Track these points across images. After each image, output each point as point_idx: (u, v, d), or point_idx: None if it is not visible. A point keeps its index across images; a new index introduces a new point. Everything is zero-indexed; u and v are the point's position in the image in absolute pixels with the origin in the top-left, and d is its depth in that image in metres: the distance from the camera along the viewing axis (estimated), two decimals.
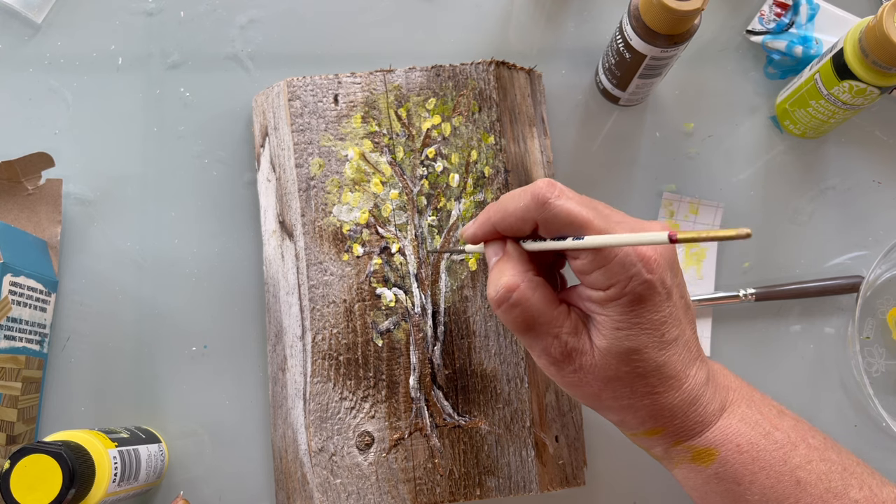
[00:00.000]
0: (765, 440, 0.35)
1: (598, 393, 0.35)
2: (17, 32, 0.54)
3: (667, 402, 0.35)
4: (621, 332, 0.33)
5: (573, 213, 0.33)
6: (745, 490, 0.35)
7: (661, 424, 0.35)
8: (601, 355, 0.34)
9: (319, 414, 0.45)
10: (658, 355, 0.34)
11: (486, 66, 0.49)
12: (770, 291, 0.52)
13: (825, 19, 0.55)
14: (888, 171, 0.55)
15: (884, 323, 0.53)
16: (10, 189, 0.51)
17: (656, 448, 0.37)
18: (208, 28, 0.55)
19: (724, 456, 0.35)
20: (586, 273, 0.34)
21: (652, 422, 0.35)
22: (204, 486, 0.50)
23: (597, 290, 0.34)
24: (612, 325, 0.33)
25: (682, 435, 0.35)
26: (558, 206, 0.33)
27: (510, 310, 0.35)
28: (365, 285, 0.46)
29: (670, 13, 0.43)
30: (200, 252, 0.52)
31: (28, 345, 0.48)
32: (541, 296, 0.35)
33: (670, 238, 0.28)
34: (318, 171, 0.48)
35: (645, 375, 0.34)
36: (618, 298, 0.33)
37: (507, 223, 0.36)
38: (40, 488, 0.38)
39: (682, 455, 0.36)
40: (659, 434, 0.36)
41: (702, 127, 0.55)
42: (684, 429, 0.35)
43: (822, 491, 0.34)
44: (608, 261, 0.33)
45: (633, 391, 0.34)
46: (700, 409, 0.35)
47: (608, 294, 0.33)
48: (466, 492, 0.45)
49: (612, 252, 0.32)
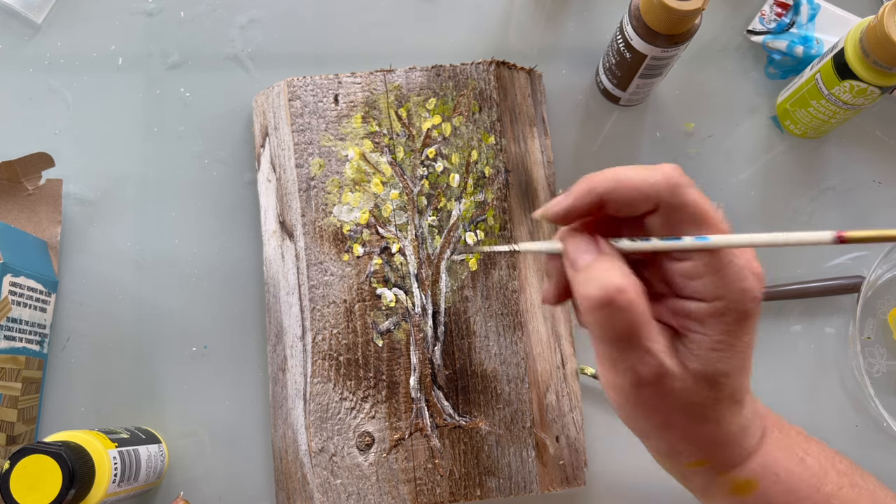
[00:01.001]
0: (799, 468, 0.34)
1: (670, 420, 0.32)
2: (17, 32, 0.54)
3: (726, 430, 0.32)
4: (716, 354, 0.30)
5: (705, 206, 0.29)
6: None
7: (713, 455, 0.33)
8: (692, 378, 0.30)
9: (320, 414, 0.45)
10: (738, 381, 0.31)
11: (486, 66, 0.49)
12: (771, 291, 0.52)
13: (826, 19, 0.55)
14: (888, 171, 0.55)
15: (885, 323, 0.53)
16: (10, 189, 0.51)
17: (697, 479, 0.35)
18: (208, 28, 0.55)
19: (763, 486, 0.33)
20: (693, 278, 0.30)
21: (706, 452, 0.33)
22: (204, 486, 0.49)
23: (698, 302, 0.30)
24: (708, 346, 0.30)
25: (728, 465, 0.34)
26: (692, 194, 0.29)
27: (616, 314, 0.30)
28: (365, 285, 0.46)
29: (671, 13, 0.43)
30: (200, 252, 0.52)
31: (28, 345, 0.48)
32: (646, 303, 0.30)
33: (839, 238, 0.24)
34: (319, 171, 0.48)
35: (719, 401, 0.31)
36: (723, 315, 0.30)
37: (618, 194, 0.30)
38: (40, 489, 0.38)
39: (722, 487, 0.34)
40: (706, 465, 0.34)
41: (702, 127, 0.55)
42: (731, 458, 0.33)
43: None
44: (722, 266, 0.29)
45: (703, 417, 0.31)
46: (748, 438, 0.33)
47: (714, 307, 0.30)
48: (467, 492, 0.45)
49: (727, 259, 0.29)
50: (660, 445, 0.34)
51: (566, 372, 0.49)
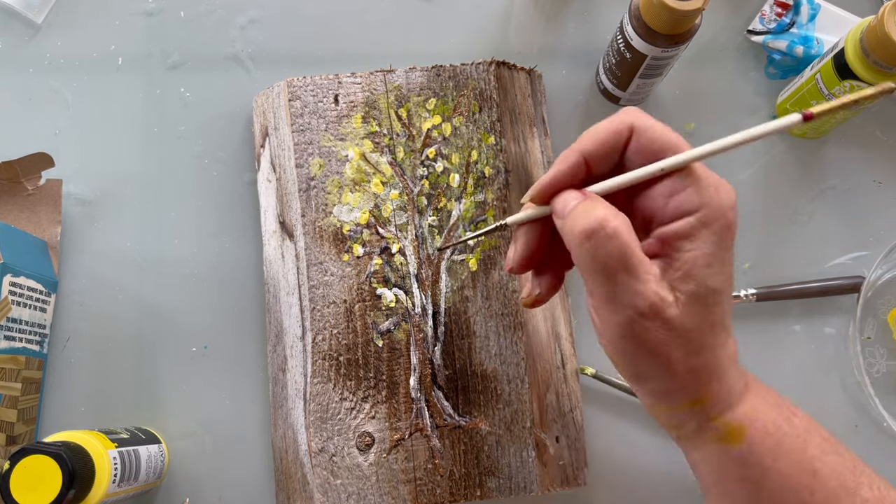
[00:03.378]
0: (787, 424, 0.34)
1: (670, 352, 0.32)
2: (17, 32, 0.54)
3: (721, 359, 0.33)
4: (710, 270, 0.31)
5: (667, 130, 0.32)
6: (765, 477, 0.34)
7: (710, 390, 0.33)
8: (686, 301, 0.31)
9: (320, 414, 0.45)
10: (727, 302, 0.33)
11: (486, 66, 0.49)
12: (771, 292, 0.52)
13: (826, 19, 0.55)
14: (888, 171, 0.55)
15: (885, 323, 0.53)
16: (10, 189, 0.51)
17: (690, 424, 0.35)
18: (208, 28, 0.55)
19: (751, 436, 0.34)
20: (674, 195, 0.32)
21: (702, 388, 0.33)
22: (204, 487, 0.49)
23: (685, 219, 0.31)
24: (701, 261, 0.31)
25: (720, 406, 0.34)
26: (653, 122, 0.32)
27: (605, 241, 0.31)
28: (365, 286, 0.46)
29: (671, 13, 0.43)
30: (200, 252, 0.52)
31: (28, 345, 0.48)
32: (634, 235, 0.32)
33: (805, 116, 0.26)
34: (319, 171, 0.48)
35: (714, 325, 0.32)
36: (710, 224, 0.31)
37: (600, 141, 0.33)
38: (40, 489, 0.38)
39: (713, 433, 0.34)
40: (701, 405, 0.34)
41: (702, 127, 0.55)
42: (722, 398, 0.34)
43: (835, 486, 0.33)
44: (698, 179, 0.31)
45: (701, 345, 0.32)
46: (735, 379, 0.34)
47: (700, 217, 0.31)
48: (467, 492, 0.45)
49: (701, 173, 0.31)
50: (657, 386, 0.34)
51: (566, 372, 0.49)
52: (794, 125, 0.28)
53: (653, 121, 0.33)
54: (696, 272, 0.31)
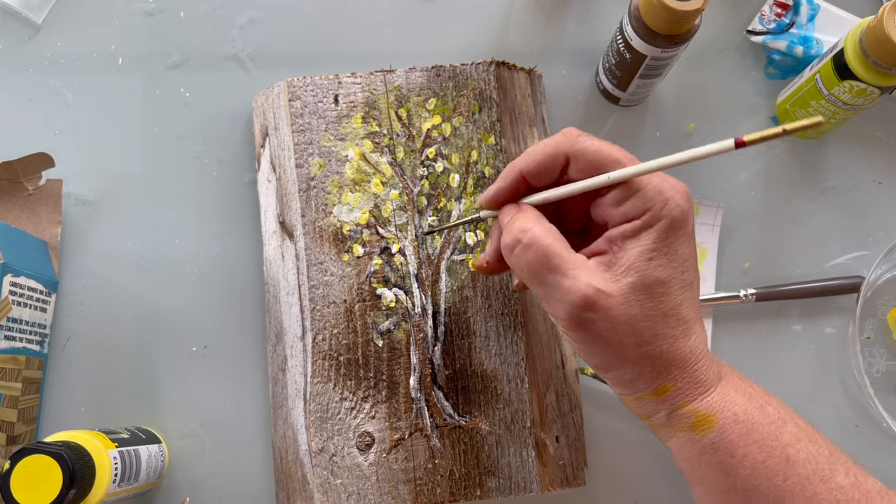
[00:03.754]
0: (759, 413, 0.35)
1: (622, 340, 0.34)
2: (17, 32, 0.54)
3: (680, 350, 0.35)
4: (652, 262, 0.33)
5: (604, 146, 0.34)
6: (738, 463, 0.35)
7: (671, 378, 0.35)
8: (628, 290, 0.33)
9: (320, 414, 0.45)
10: (679, 292, 0.34)
11: (486, 66, 0.49)
12: (770, 292, 0.52)
13: (826, 19, 0.55)
14: (888, 171, 0.55)
15: (884, 323, 0.53)
16: (11, 189, 0.51)
17: (660, 413, 0.36)
18: (208, 28, 0.55)
19: (721, 424, 0.35)
20: (619, 204, 0.34)
21: (665, 375, 0.35)
22: (204, 487, 0.49)
23: (631, 222, 0.34)
24: (644, 255, 0.33)
25: (687, 395, 0.35)
26: (590, 140, 0.34)
27: (525, 251, 0.35)
28: (365, 286, 0.46)
29: (671, 13, 0.43)
30: (200, 252, 0.52)
31: (28, 345, 0.48)
32: (555, 239, 0.35)
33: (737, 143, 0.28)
34: (319, 171, 0.48)
35: (666, 314, 0.34)
36: (653, 224, 0.33)
37: (536, 161, 0.36)
38: (40, 489, 0.38)
39: (684, 421, 0.36)
40: (666, 393, 0.35)
41: (702, 127, 0.55)
42: (689, 387, 0.35)
43: (809, 472, 0.34)
44: (640, 188, 0.33)
45: (654, 334, 0.34)
46: (704, 368, 0.35)
47: (645, 219, 0.33)
48: (467, 492, 0.45)
49: (644, 182, 0.33)
50: (620, 375, 0.36)
51: (566, 372, 0.49)
52: (727, 150, 0.30)
53: (588, 143, 0.35)
54: (637, 265, 0.34)
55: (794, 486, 0.34)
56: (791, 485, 0.34)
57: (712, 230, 0.53)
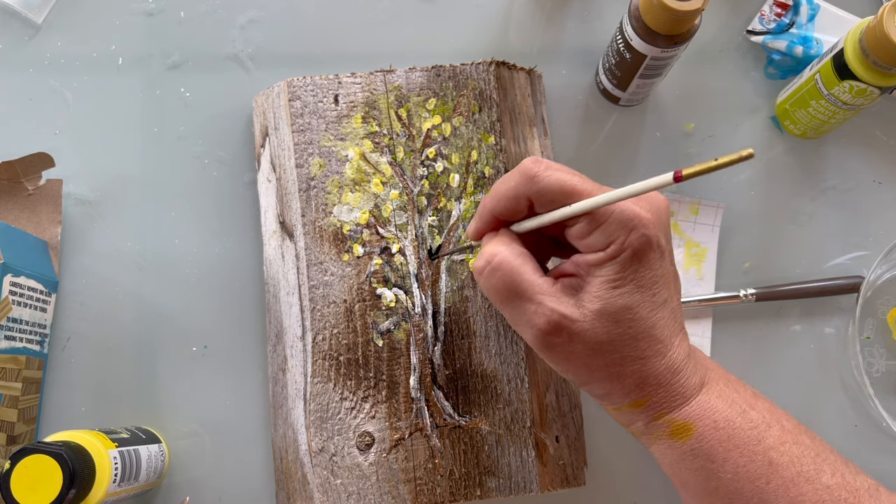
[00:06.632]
0: (740, 418, 0.35)
1: (588, 362, 0.35)
2: (17, 32, 0.54)
3: (653, 369, 0.35)
4: (617, 290, 0.34)
5: (563, 180, 0.34)
6: (719, 468, 0.35)
7: (645, 394, 0.35)
8: (594, 317, 0.34)
9: (320, 414, 0.45)
10: (649, 315, 0.34)
11: (486, 66, 0.49)
12: (770, 292, 0.52)
13: (825, 19, 0.55)
14: (888, 171, 0.55)
15: (884, 323, 0.53)
16: (11, 189, 0.51)
17: (638, 422, 0.37)
18: (208, 28, 0.55)
19: (700, 432, 0.35)
20: (584, 237, 0.34)
21: (638, 392, 0.35)
22: (204, 486, 0.50)
23: (595, 253, 0.34)
24: (608, 284, 0.34)
25: (664, 407, 0.36)
26: (547, 178, 0.34)
27: (491, 275, 0.35)
28: (365, 285, 0.46)
29: (671, 13, 0.43)
30: (200, 252, 0.52)
31: (28, 345, 0.48)
32: (523, 262, 0.35)
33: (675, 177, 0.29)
34: (319, 171, 0.48)
35: (635, 338, 0.34)
36: (617, 255, 0.34)
37: (501, 205, 0.37)
38: (40, 489, 0.38)
39: (662, 430, 0.36)
40: (643, 406, 0.36)
41: (702, 127, 0.55)
42: (666, 400, 0.35)
43: (793, 474, 0.34)
44: (605, 219, 0.33)
45: (623, 357, 0.35)
46: (682, 381, 0.35)
47: (608, 252, 0.34)
48: (467, 492, 0.45)
49: (609, 212, 0.33)
50: (592, 390, 0.37)
51: None
52: (667, 185, 0.30)
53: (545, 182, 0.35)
54: (601, 293, 0.34)
55: (777, 489, 0.34)
56: (774, 487, 0.34)
57: (712, 230, 0.53)
